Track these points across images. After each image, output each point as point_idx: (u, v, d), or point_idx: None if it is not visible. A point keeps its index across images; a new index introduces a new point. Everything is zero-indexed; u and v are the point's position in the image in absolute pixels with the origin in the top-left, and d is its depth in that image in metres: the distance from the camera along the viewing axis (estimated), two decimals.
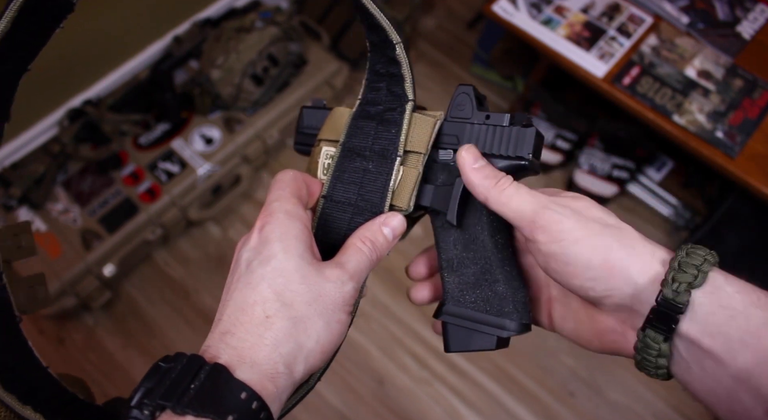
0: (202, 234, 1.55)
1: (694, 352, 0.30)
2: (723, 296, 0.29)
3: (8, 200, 1.35)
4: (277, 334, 0.30)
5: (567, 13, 1.34)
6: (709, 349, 0.29)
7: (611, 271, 0.31)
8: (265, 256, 0.32)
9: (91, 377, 1.36)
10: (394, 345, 1.41)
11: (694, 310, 0.29)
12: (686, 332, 0.30)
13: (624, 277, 0.31)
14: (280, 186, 0.35)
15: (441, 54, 1.84)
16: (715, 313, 0.29)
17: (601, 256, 0.31)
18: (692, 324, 0.29)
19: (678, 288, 0.29)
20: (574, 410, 1.36)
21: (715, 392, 0.29)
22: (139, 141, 1.47)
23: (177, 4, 1.57)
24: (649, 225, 1.59)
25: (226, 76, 1.44)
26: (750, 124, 1.22)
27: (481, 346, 0.38)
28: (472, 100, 0.39)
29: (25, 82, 0.35)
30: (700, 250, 0.31)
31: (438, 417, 1.35)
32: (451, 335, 0.39)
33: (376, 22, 0.38)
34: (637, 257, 0.31)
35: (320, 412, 1.34)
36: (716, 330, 0.29)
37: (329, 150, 0.40)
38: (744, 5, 1.36)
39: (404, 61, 0.38)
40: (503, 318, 0.37)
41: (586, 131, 1.53)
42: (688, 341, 0.30)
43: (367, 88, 0.40)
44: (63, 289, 1.31)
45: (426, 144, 0.38)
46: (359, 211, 0.38)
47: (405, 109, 0.38)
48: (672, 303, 0.29)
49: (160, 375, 0.28)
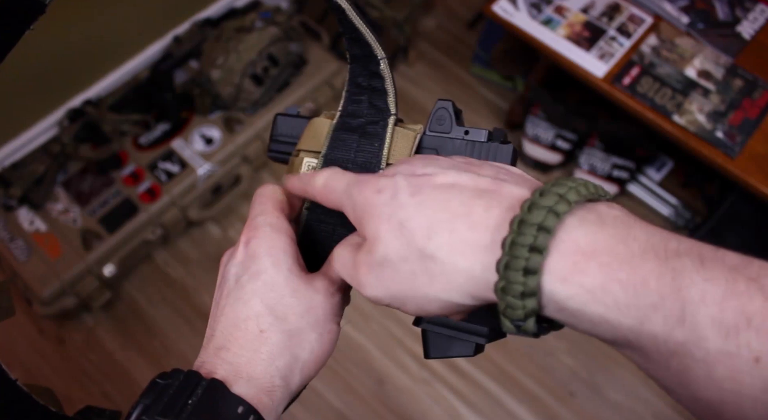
0: (202, 234, 1.55)
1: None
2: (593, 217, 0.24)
3: (8, 200, 1.35)
4: (272, 348, 0.30)
5: (567, 13, 1.34)
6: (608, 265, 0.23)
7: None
8: (254, 270, 0.32)
9: (91, 377, 1.36)
10: (394, 345, 1.41)
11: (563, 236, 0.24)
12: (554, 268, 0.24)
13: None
14: (262, 200, 0.35)
15: (441, 54, 1.84)
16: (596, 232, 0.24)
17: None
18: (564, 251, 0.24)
19: (536, 218, 0.24)
20: (574, 410, 1.36)
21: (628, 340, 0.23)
22: (139, 141, 1.47)
23: (177, 4, 1.57)
24: None
25: (226, 76, 1.44)
26: (750, 124, 1.22)
27: (460, 352, 0.39)
28: (452, 115, 0.40)
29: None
30: (576, 180, 0.25)
31: (438, 417, 1.35)
32: (430, 342, 0.40)
33: (360, 37, 0.38)
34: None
35: (320, 412, 1.34)
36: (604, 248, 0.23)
37: (311, 161, 0.40)
38: (744, 5, 1.36)
39: (388, 76, 0.39)
40: (482, 325, 0.39)
41: (586, 131, 1.53)
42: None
43: (348, 100, 0.40)
44: (63, 289, 1.31)
45: (407, 157, 0.39)
46: (342, 222, 0.38)
47: (387, 123, 0.39)
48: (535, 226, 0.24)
49: (157, 391, 0.28)
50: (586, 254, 0.23)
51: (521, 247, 0.23)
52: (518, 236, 0.23)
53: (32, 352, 1.39)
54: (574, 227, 0.24)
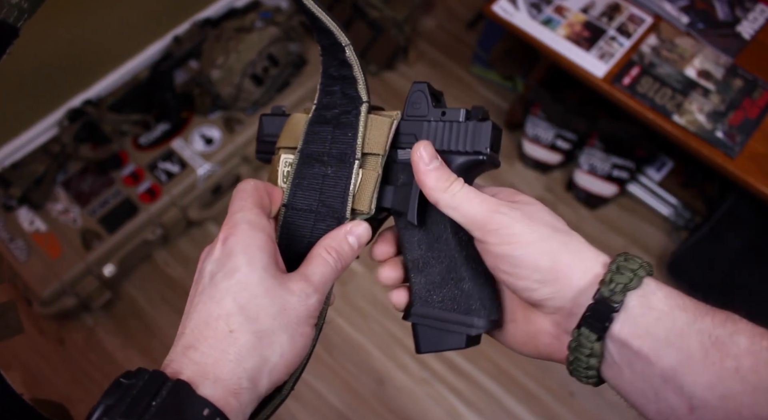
0: (202, 234, 1.55)
1: (625, 353, 0.31)
2: (653, 299, 0.31)
3: (8, 200, 1.35)
4: (240, 349, 0.30)
5: (567, 13, 1.34)
6: (639, 350, 0.30)
7: (557, 275, 0.33)
8: (229, 268, 0.31)
9: (91, 377, 1.36)
10: (394, 345, 1.41)
11: (627, 312, 0.31)
12: (618, 333, 0.31)
13: (568, 280, 0.32)
14: (242, 196, 0.35)
15: (441, 54, 1.84)
16: (644, 315, 0.30)
17: (549, 260, 0.33)
18: (624, 325, 0.31)
19: (614, 288, 0.31)
20: (574, 410, 1.36)
21: (645, 393, 0.30)
22: (139, 141, 1.47)
23: (177, 4, 1.57)
24: (649, 225, 1.59)
25: (226, 76, 1.44)
26: (750, 124, 1.22)
27: (451, 345, 0.38)
28: (427, 97, 0.38)
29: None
30: (638, 258, 0.32)
31: (438, 417, 1.35)
32: (421, 336, 0.39)
33: (323, 26, 0.37)
34: (581, 262, 0.33)
35: (320, 412, 1.34)
36: (645, 331, 0.30)
37: (288, 157, 0.40)
38: (744, 5, 1.36)
39: (355, 63, 0.38)
40: (471, 316, 0.37)
41: (586, 131, 1.53)
42: (619, 343, 0.31)
43: (322, 92, 0.40)
44: (63, 289, 1.31)
45: (384, 145, 0.38)
46: (321, 218, 0.38)
47: (360, 111, 0.38)
48: (608, 301, 0.30)
49: (121, 391, 0.28)
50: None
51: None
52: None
53: (32, 352, 1.39)
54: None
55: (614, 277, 0.31)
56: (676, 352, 0.29)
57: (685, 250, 1.46)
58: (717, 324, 0.29)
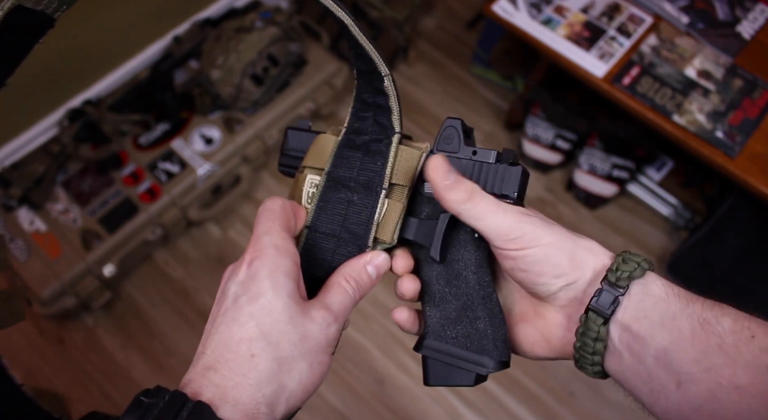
0: (202, 234, 1.55)
1: (625, 338, 0.33)
2: (652, 287, 0.33)
3: (8, 200, 1.35)
4: (261, 375, 0.30)
5: (567, 13, 1.34)
6: (637, 332, 0.32)
7: (573, 267, 0.35)
8: (254, 292, 0.31)
9: (91, 377, 1.36)
10: (394, 345, 1.41)
11: (629, 298, 0.33)
12: (621, 318, 0.33)
13: (581, 271, 0.35)
14: (270, 216, 0.34)
15: (441, 54, 1.84)
16: (643, 300, 0.33)
17: (567, 256, 0.35)
18: (626, 311, 0.33)
19: (621, 275, 0.33)
20: (574, 410, 1.36)
21: (639, 374, 0.33)
22: (139, 141, 1.47)
23: (177, 4, 1.57)
24: (649, 225, 1.59)
25: (226, 76, 1.44)
26: (750, 124, 1.22)
27: (460, 381, 0.39)
28: (460, 134, 0.39)
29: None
30: (641, 255, 0.35)
31: (438, 417, 1.35)
32: (431, 369, 0.40)
33: (364, 53, 0.37)
34: (593, 256, 0.35)
35: (320, 412, 1.34)
36: (643, 314, 0.33)
37: (314, 178, 0.39)
38: (744, 5, 1.36)
39: (392, 93, 0.38)
40: (483, 355, 0.38)
41: (586, 131, 1.53)
42: (621, 328, 0.33)
43: (354, 116, 0.39)
44: (63, 289, 1.31)
45: (411, 177, 0.38)
46: (343, 243, 0.38)
47: (392, 141, 0.38)
48: (614, 286, 0.33)
49: (142, 410, 0.28)
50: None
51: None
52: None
53: (32, 352, 1.39)
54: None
55: (620, 266, 0.34)
56: (669, 332, 0.31)
57: (685, 250, 1.46)
58: (706, 308, 0.32)
